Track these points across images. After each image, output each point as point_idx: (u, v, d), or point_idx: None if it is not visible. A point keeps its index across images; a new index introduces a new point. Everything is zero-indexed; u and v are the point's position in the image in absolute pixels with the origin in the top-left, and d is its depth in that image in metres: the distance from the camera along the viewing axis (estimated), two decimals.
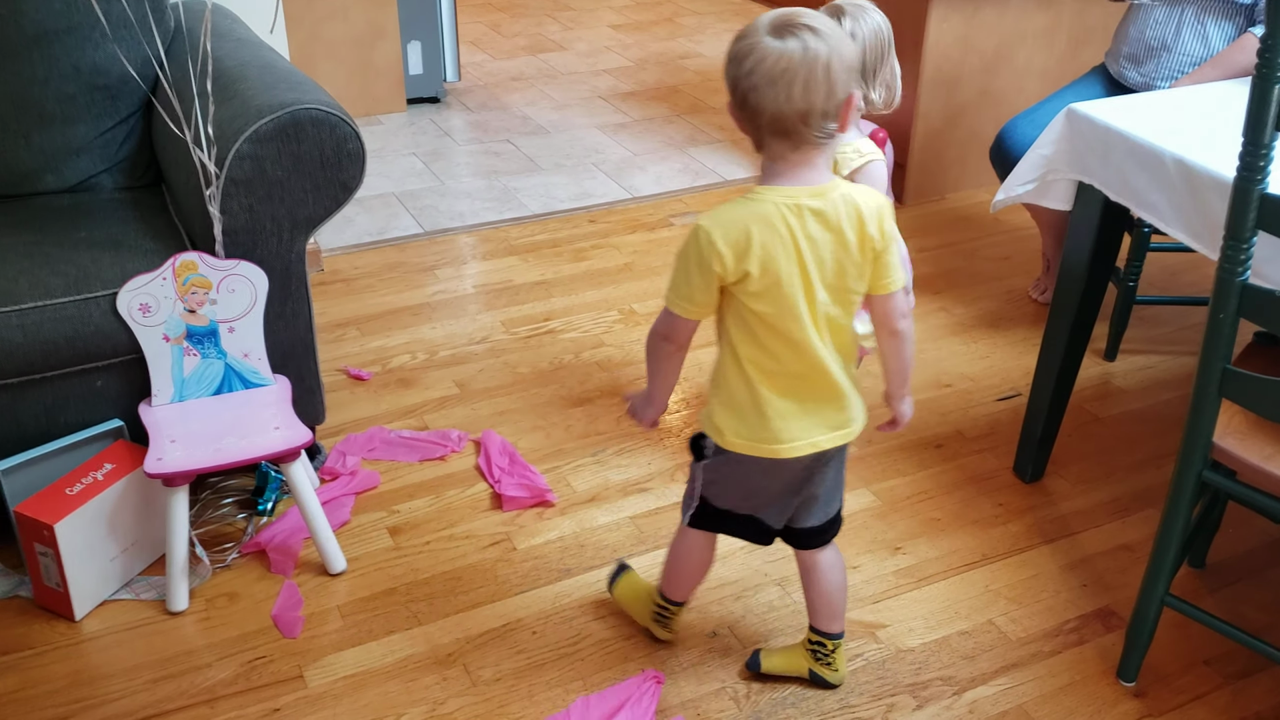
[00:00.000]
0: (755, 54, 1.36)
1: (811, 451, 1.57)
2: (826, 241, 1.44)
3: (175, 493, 1.80)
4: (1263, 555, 2.11)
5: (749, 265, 1.42)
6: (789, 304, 1.46)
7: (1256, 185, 1.41)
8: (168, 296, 1.87)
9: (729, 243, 1.42)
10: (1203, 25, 2.50)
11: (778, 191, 1.43)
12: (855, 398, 1.60)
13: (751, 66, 1.37)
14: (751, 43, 1.37)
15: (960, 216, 3.47)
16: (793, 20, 1.36)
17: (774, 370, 1.52)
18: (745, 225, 1.42)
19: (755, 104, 1.38)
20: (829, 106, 1.38)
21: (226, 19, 2.41)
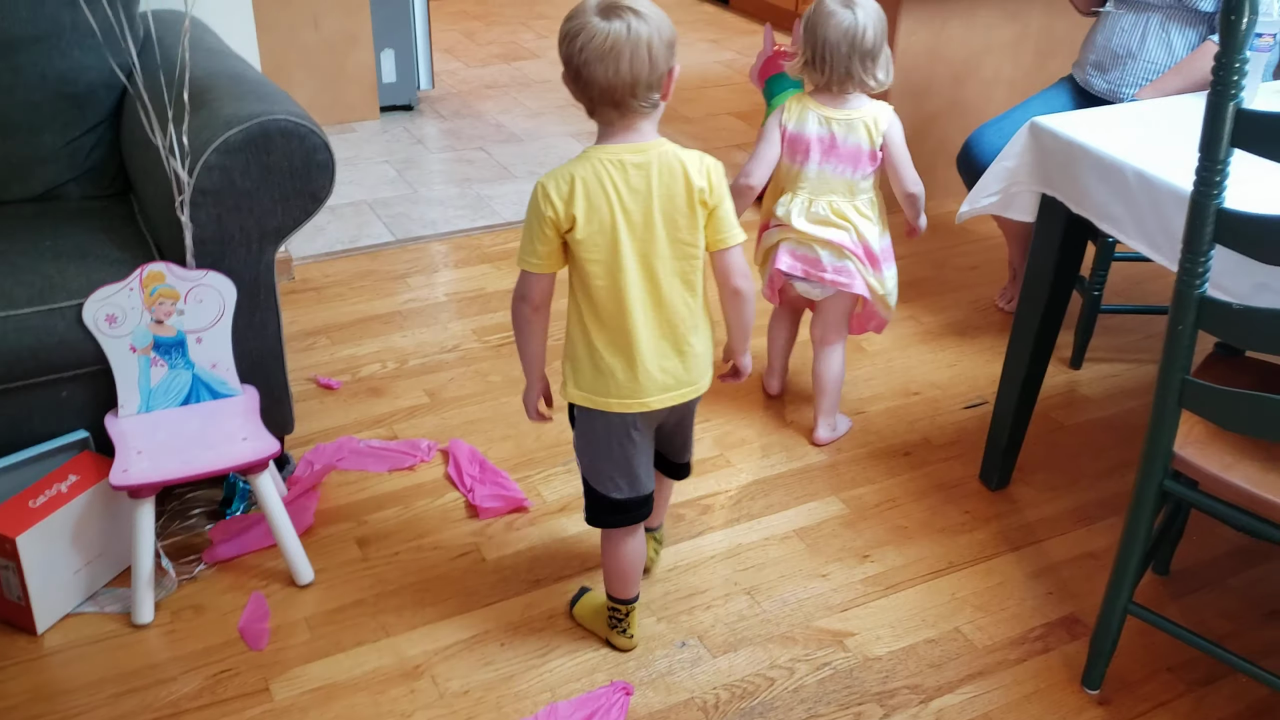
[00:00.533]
0: (585, 33, 1.51)
1: (642, 410, 1.68)
2: (648, 192, 1.59)
3: (141, 504, 1.79)
4: (1226, 563, 2.14)
5: (575, 210, 1.57)
6: (615, 250, 1.60)
7: (1213, 200, 1.43)
8: (135, 307, 1.86)
9: (557, 192, 1.58)
10: (1167, 33, 2.53)
11: (603, 150, 1.60)
12: (696, 357, 1.70)
13: (582, 44, 1.51)
14: (581, 22, 1.52)
15: (930, 226, 3.48)
16: (618, 3, 1.52)
17: (606, 323, 1.65)
18: (571, 175, 1.58)
19: (587, 77, 1.54)
20: (652, 79, 1.55)
21: (197, 28, 2.41)
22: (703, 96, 4.65)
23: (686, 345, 1.68)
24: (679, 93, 4.66)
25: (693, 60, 5.13)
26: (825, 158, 2.26)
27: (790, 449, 2.42)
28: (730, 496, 2.27)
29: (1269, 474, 1.58)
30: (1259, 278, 1.60)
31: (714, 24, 5.76)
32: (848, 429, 2.49)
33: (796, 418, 2.53)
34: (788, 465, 2.37)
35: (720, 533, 2.17)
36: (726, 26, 5.70)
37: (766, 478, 2.33)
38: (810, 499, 2.27)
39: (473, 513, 2.20)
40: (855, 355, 2.78)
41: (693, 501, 2.25)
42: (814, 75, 2.23)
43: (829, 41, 2.17)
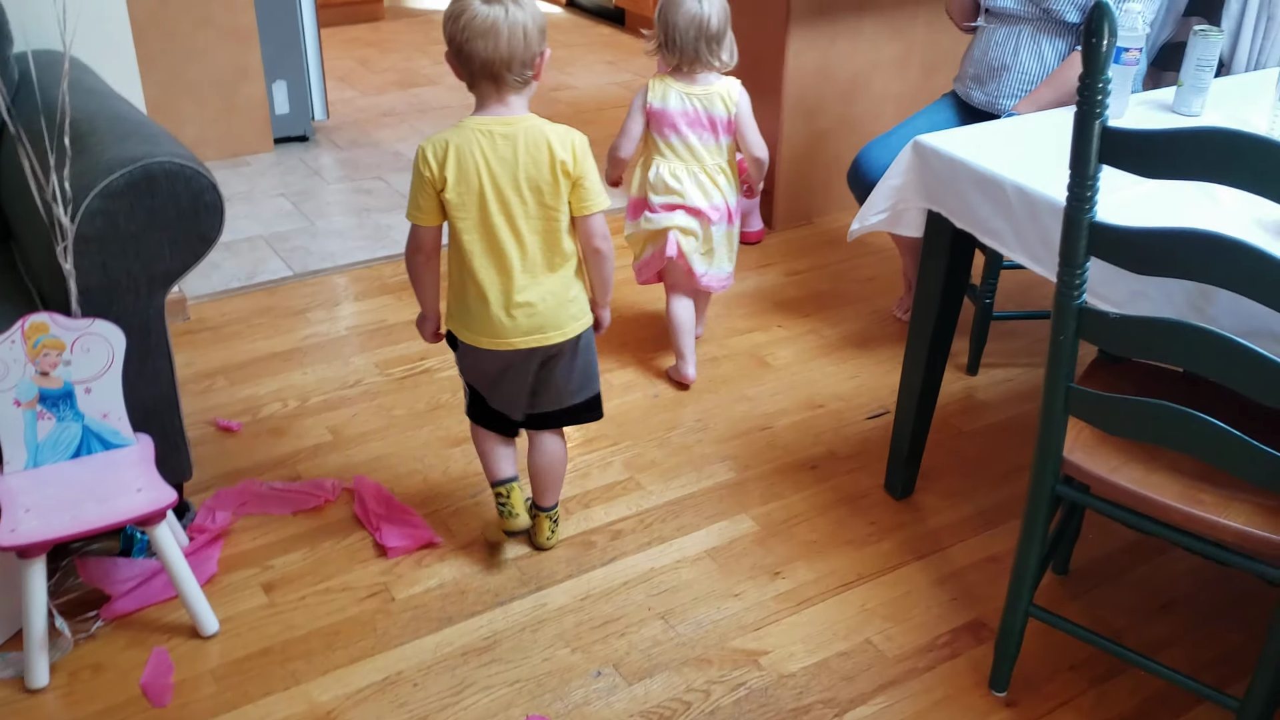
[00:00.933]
0: (468, 13, 1.76)
1: (506, 349, 1.94)
2: (514, 161, 1.83)
3: (31, 564, 1.74)
4: (1122, 559, 2.20)
5: (448, 172, 1.82)
6: (482, 210, 1.85)
7: (1085, 214, 1.48)
8: (17, 360, 1.81)
9: (434, 154, 1.83)
10: (1038, 45, 2.62)
11: (477, 120, 1.84)
12: (561, 306, 1.94)
13: (465, 23, 1.76)
14: (464, 4, 1.77)
15: (827, 240, 3.56)
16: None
17: (474, 274, 1.90)
18: (445, 142, 1.83)
19: (469, 52, 1.77)
20: (526, 57, 1.79)
21: (76, 68, 2.35)
22: (601, 118, 4.67)
23: (550, 296, 1.92)
24: (579, 114, 4.68)
25: (590, 82, 5.16)
26: (692, 128, 2.56)
27: (699, 468, 2.44)
28: (641, 520, 2.28)
29: (1153, 474, 1.63)
30: (1134, 285, 1.66)
31: (610, 45, 5.79)
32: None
33: (703, 436, 2.55)
34: (697, 485, 2.39)
35: (632, 557, 2.18)
36: (623, 48, 5.74)
37: (676, 499, 2.34)
38: (720, 518, 2.29)
39: (381, 551, 2.17)
40: (759, 370, 2.81)
41: (604, 527, 2.25)
42: (669, 57, 2.54)
43: (678, 27, 2.49)
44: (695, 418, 2.63)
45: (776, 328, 3.03)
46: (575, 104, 4.84)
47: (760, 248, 3.49)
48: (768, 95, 3.48)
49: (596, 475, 2.42)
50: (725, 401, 2.69)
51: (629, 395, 2.71)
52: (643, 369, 2.82)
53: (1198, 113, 2.14)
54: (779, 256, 3.45)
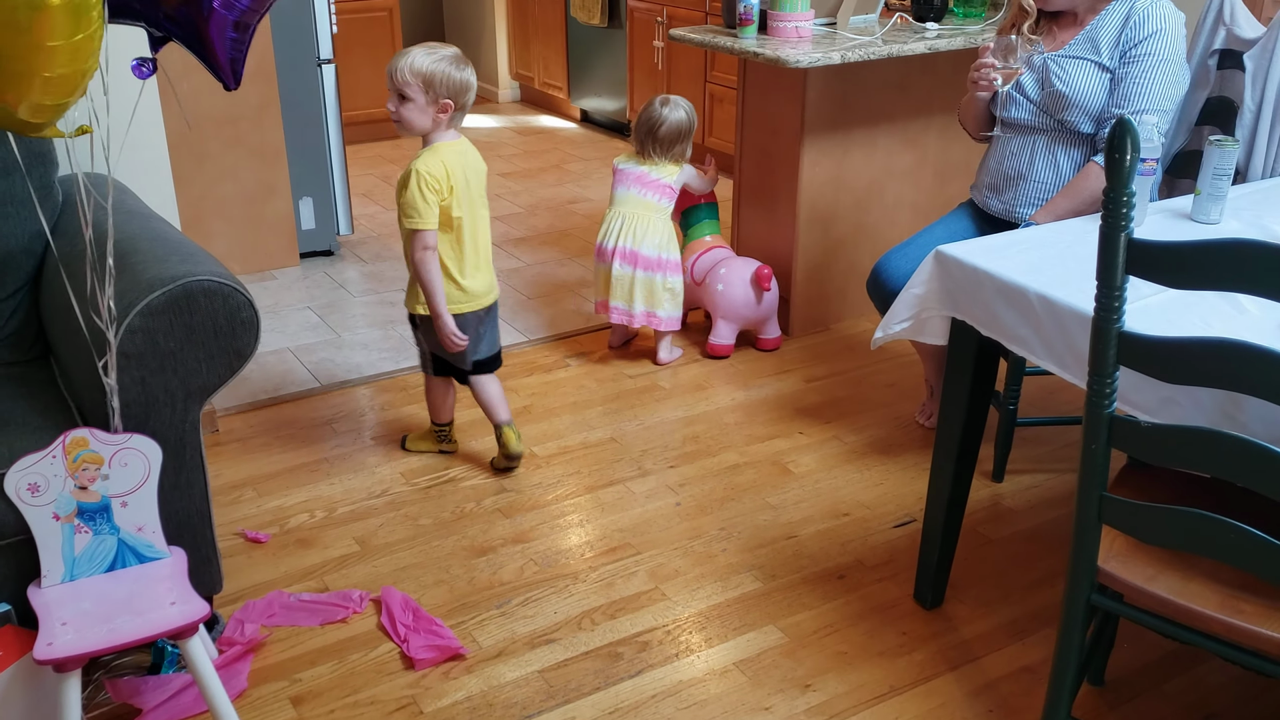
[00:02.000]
0: (470, 73, 2.57)
1: (480, 308, 2.71)
2: (478, 167, 2.64)
3: (67, 678, 1.73)
4: (1159, 669, 2.18)
5: (453, 182, 2.56)
6: (472, 205, 2.61)
7: (1114, 324, 1.51)
8: (58, 474, 1.83)
9: (440, 173, 2.54)
10: (1053, 155, 2.67)
11: (446, 145, 2.58)
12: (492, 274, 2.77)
13: (469, 78, 2.56)
14: (468, 70, 2.57)
15: (845, 346, 3.59)
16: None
17: (465, 254, 2.64)
18: (441, 163, 2.55)
19: (468, 100, 2.57)
20: (467, 100, 2.59)
21: (116, 190, 2.42)
22: None
23: (491, 264, 2.74)
24: (594, 225, 4.74)
25: (603, 194, 5.23)
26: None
27: (725, 578, 2.43)
28: (667, 631, 2.27)
29: (1191, 583, 1.63)
30: (1165, 392, 1.68)
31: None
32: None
33: (728, 545, 2.54)
34: (723, 595, 2.38)
35: (660, 670, 2.16)
36: None
37: (702, 609, 2.33)
38: (748, 629, 2.27)
39: (408, 664, 2.16)
40: (782, 478, 2.82)
41: (630, 639, 2.24)
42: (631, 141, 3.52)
43: (637, 122, 3.46)
44: (718, 526, 2.62)
45: (798, 434, 3.04)
46: (591, 216, 4.93)
47: (779, 354, 3.52)
48: (783, 204, 3.56)
49: (621, 585, 2.41)
50: (748, 510, 2.69)
51: (651, 503, 2.71)
52: (663, 477, 2.83)
53: (1217, 220, 2.18)
54: (797, 363, 3.48)
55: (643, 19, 5.76)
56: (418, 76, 2.46)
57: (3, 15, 1.44)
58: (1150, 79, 2.51)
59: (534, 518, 2.65)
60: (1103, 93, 2.56)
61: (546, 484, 2.80)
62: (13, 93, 1.53)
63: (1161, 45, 2.51)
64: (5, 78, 1.51)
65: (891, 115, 3.57)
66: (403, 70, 2.46)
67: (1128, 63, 2.53)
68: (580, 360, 3.50)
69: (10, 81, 1.52)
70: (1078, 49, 2.60)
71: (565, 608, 2.33)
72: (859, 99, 3.49)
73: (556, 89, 6.77)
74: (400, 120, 2.52)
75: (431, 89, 2.47)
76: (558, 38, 6.58)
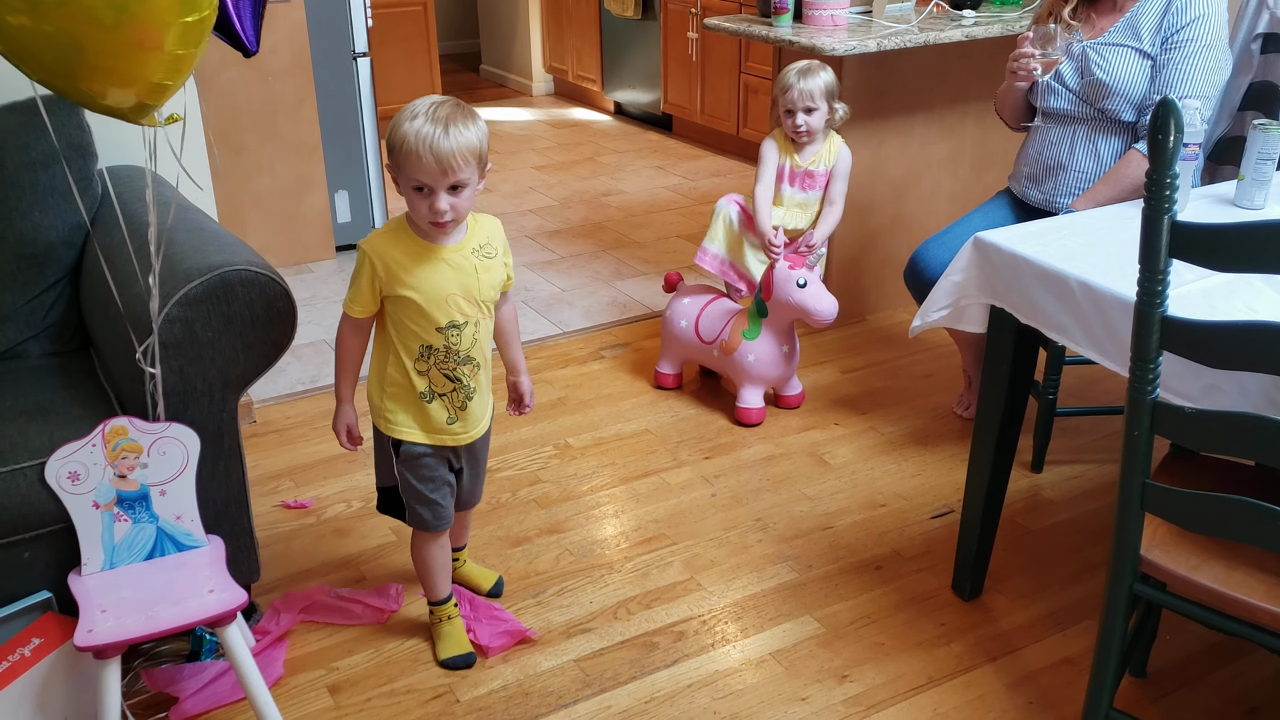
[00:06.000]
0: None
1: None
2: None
3: (107, 664, 1.75)
4: (1202, 661, 2.14)
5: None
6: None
7: (1157, 309, 1.48)
8: (97, 463, 1.85)
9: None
10: (1094, 144, 2.64)
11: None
12: None
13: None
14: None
15: (882, 337, 3.57)
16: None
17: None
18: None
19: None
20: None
21: (155, 182, 2.43)
22: (651, 221, 4.75)
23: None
24: (629, 218, 4.77)
25: (639, 186, 5.25)
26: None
27: (760, 569, 2.42)
28: (703, 621, 2.26)
29: (1235, 572, 1.60)
30: (1208, 379, 1.65)
31: (658, 150, 5.91)
32: None
33: (764, 536, 2.53)
34: (759, 585, 2.37)
35: (696, 660, 2.15)
36: (670, 153, 5.85)
37: (738, 600, 2.32)
38: (784, 619, 2.26)
39: (480, 652, 2.16)
40: (819, 469, 2.80)
41: (666, 629, 2.23)
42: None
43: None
44: (754, 517, 2.61)
45: (834, 425, 3.03)
46: (625, 208, 4.92)
47: (815, 345, 3.50)
48: None
49: (656, 575, 2.40)
50: (784, 501, 2.68)
51: (686, 494, 2.70)
52: (698, 468, 2.81)
53: (1261, 205, 2.14)
54: (834, 354, 3.46)
55: (676, 10, 5.75)
56: (474, 156, 1.81)
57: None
58: (1193, 65, 2.47)
59: (569, 509, 2.65)
60: (1144, 80, 2.53)
61: (581, 475, 2.79)
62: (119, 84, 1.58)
63: (1204, 30, 2.47)
64: (108, 75, 1.56)
65: (928, 104, 3.53)
66: (455, 157, 1.78)
67: (1170, 49, 2.49)
68: (614, 352, 3.49)
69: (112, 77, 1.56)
70: (1118, 36, 2.56)
71: (601, 598, 2.33)
72: (895, 88, 3.45)
73: (590, 82, 6.76)
74: (457, 217, 1.85)
75: (483, 160, 1.85)
76: (591, 30, 6.57)
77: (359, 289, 1.92)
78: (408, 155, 1.78)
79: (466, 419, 2.01)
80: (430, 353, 1.94)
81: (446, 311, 1.91)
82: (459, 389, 1.98)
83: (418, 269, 1.89)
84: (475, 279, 1.92)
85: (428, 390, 1.96)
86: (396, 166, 1.82)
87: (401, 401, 1.98)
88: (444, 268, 1.90)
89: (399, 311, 1.92)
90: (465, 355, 1.95)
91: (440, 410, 1.98)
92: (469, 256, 1.92)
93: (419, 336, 1.92)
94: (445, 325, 1.91)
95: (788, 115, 3.00)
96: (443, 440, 2.01)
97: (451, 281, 1.90)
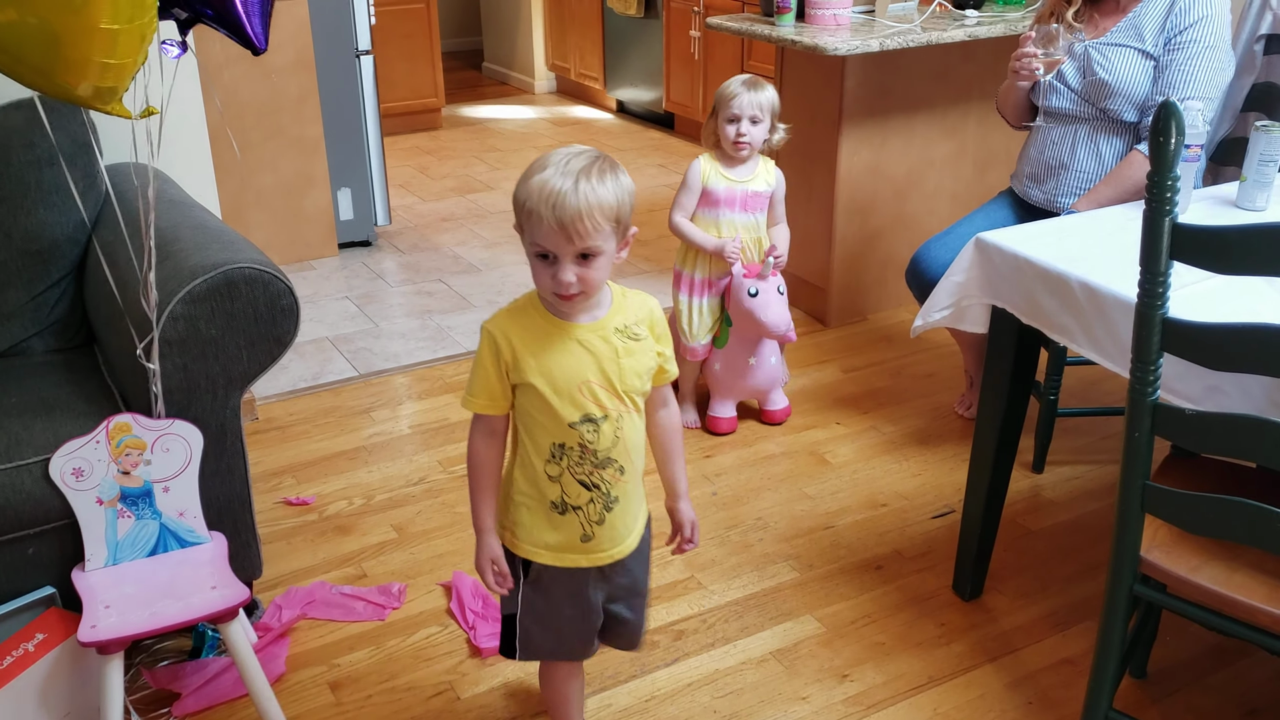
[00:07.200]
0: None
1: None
2: None
3: (109, 660, 1.76)
4: (1202, 662, 2.15)
5: None
6: None
7: (1157, 310, 1.49)
8: (101, 460, 1.86)
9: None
10: (1095, 144, 2.64)
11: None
12: None
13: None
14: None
15: (883, 336, 3.57)
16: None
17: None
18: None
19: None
20: None
21: (158, 179, 2.44)
22: (653, 219, 4.74)
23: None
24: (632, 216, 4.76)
25: (642, 184, 5.25)
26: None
27: (761, 567, 2.42)
28: (703, 620, 2.26)
29: (1236, 573, 1.60)
30: (1209, 380, 1.65)
31: (660, 149, 5.91)
32: None
33: (764, 535, 2.54)
34: (759, 584, 2.37)
35: (696, 658, 2.16)
36: (672, 151, 5.85)
37: (739, 599, 2.32)
38: (785, 618, 2.26)
39: (474, 651, 2.16)
40: (820, 468, 2.81)
41: (666, 627, 2.24)
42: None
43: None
44: (755, 516, 2.62)
45: (835, 425, 3.03)
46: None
47: (816, 344, 3.51)
48: (820, 193, 3.53)
49: (656, 574, 2.40)
50: (785, 500, 2.68)
51: None
52: (699, 466, 2.82)
53: (1263, 207, 2.14)
54: (835, 353, 3.46)
55: (679, 8, 5.75)
56: (609, 219, 1.50)
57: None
58: (1195, 66, 2.47)
59: None
60: (1147, 81, 2.53)
61: None
62: (72, 75, 1.56)
63: (1207, 32, 2.47)
64: (63, 63, 1.54)
65: (931, 103, 3.54)
66: (583, 219, 1.46)
67: (1172, 50, 2.49)
68: None
69: (68, 67, 1.55)
70: (1120, 36, 2.56)
71: None
72: (898, 87, 3.46)
73: (592, 80, 6.77)
74: (586, 290, 1.52)
75: (622, 224, 1.54)
76: (594, 28, 6.57)
77: (484, 378, 1.59)
78: (530, 214, 1.48)
79: (606, 534, 1.64)
80: (563, 453, 1.59)
81: (580, 403, 1.55)
82: (596, 497, 1.62)
83: (545, 351, 1.55)
84: (616, 364, 1.57)
85: (560, 500, 1.61)
86: (520, 226, 1.53)
87: (530, 512, 1.64)
88: (577, 350, 1.56)
89: (527, 403, 1.58)
90: (605, 457, 1.59)
91: (574, 525, 1.62)
92: (610, 337, 1.57)
93: (549, 433, 1.58)
94: (579, 420, 1.56)
95: (730, 123, 2.79)
96: (576, 561, 1.65)
97: (586, 367, 1.56)
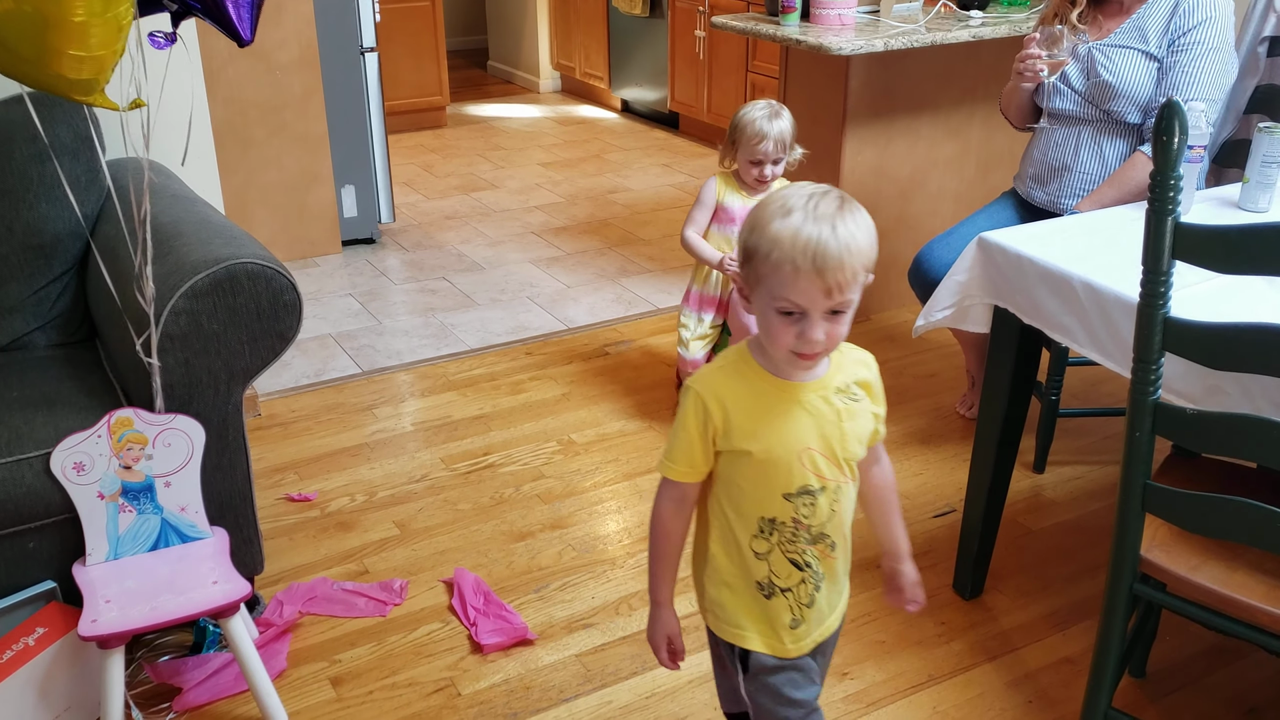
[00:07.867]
0: None
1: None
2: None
3: (110, 654, 1.76)
4: (1201, 662, 2.15)
5: None
6: None
7: (1159, 310, 1.49)
8: (102, 454, 1.86)
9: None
10: (1099, 145, 2.64)
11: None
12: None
13: None
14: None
15: (886, 336, 3.57)
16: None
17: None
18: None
19: None
20: None
21: (161, 174, 2.45)
22: (657, 219, 4.75)
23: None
24: (635, 216, 4.77)
25: (645, 184, 5.26)
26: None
27: None
28: None
29: (1235, 573, 1.60)
30: (1211, 380, 1.65)
31: (665, 148, 5.91)
32: None
33: None
34: None
35: (698, 655, 2.15)
36: (677, 151, 5.86)
37: None
38: None
39: (475, 647, 2.17)
40: None
41: None
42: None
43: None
44: None
45: None
46: (631, 206, 4.93)
47: None
48: None
49: None
50: None
51: None
52: None
53: (1265, 208, 2.14)
54: None
55: (684, 8, 5.75)
56: (868, 266, 1.34)
57: None
58: (1199, 68, 2.47)
59: (572, 504, 2.66)
60: (1150, 82, 2.53)
61: (585, 471, 2.80)
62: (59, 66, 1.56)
63: (1211, 34, 2.47)
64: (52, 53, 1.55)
65: (935, 104, 3.54)
66: (845, 269, 1.30)
67: (1176, 51, 2.49)
68: (618, 349, 3.50)
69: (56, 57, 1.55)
70: (1124, 38, 2.56)
71: (603, 593, 2.34)
72: (902, 87, 3.46)
73: (597, 79, 6.77)
74: (830, 348, 1.36)
75: (870, 271, 1.36)
76: (599, 28, 6.58)
77: (687, 443, 1.40)
78: (778, 267, 1.28)
79: (814, 616, 1.47)
80: (773, 528, 1.41)
81: (799, 473, 1.38)
82: (808, 577, 1.44)
83: (764, 415, 1.38)
84: (839, 429, 1.40)
85: (767, 580, 1.44)
86: (755, 278, 1.32)
87: (735, 593, 1.46)
88: (799, 413, 1.38)
89: (734, 472, 1.40)
90: (818, 532, 1.42)
91: (782, 609, 1.45)
92: (831, 399, 1.41)
93: (759, 506, 1.40)
94: (796, 491, 1.38)
95: (754, 165, 2.75)
96: (785, 651, 1.47)
97: (809, 432, 1.38)
